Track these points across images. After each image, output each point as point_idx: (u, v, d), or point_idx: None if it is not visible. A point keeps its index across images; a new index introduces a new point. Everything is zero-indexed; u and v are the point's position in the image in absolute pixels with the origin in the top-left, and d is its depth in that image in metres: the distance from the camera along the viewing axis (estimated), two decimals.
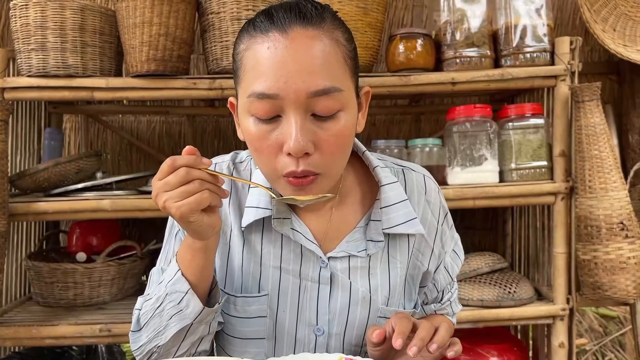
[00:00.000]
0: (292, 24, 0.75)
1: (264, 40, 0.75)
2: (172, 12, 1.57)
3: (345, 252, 0.89)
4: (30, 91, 1.60)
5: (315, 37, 0.75)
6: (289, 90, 0.73)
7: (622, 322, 2.97)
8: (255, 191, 0.89)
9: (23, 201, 1.60)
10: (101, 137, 2.24)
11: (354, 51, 0.82)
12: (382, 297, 0.91)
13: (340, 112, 0.77)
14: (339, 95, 0.76)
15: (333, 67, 0.76)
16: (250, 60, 0.77)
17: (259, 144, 0.78)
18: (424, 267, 0.96)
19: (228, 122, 2.26)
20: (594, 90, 1.61)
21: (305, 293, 0.89)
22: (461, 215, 2.22)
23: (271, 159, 0.78)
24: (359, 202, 0.94)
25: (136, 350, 0.88)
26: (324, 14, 0.78)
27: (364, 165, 0.96)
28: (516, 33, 1.69)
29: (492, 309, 1.68)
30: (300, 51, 0.74)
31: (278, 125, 0.76)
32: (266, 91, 0.74)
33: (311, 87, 0.74)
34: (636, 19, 1.97)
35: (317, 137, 0.76)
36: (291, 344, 0.90)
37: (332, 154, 0.78)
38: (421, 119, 2.29)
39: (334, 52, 0.76)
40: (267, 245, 0.90)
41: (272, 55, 0.74)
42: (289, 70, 0.73)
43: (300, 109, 0.74)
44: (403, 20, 2.25)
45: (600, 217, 1.60)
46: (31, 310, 1.75)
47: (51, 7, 1.54)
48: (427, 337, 0.79)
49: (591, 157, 1.62)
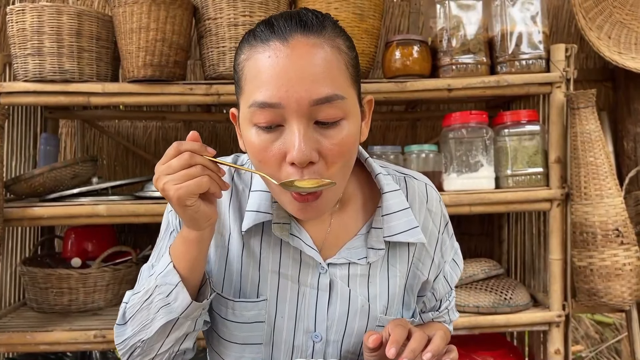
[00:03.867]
0: (292, 32, 0.74)
1: (265, 50, 0.74)
2: (169, 17, 1.57)
3: (346, 259, 0.89)
4: (27, 96, 1.60)
5: (316, 45, 0.74)
6: (290, 99, 0.72)
7: (618, 329, 2.97)
8: (255, 195, 0.88)
9: (18, 206, 1.60)
10: (97, 143, 2.24)
11: (356, 59, 0.81)
12: (381, 306, 0.91)
13: (343, 120, 0.76)
14: (342, 103, 0.75)
15: (335, 75, 0.75)
16: (251, 70, 0.76)
17: (261, 155, 0.76)
18: (423, 277, 0.96)
19: (224, 128, 2.26)
20: (589, 97, 1.62)
21: (304, 299, 0.89)
22: (457, 221, 2.22)
23: (274, 169, 0.76)
24: (360, 209, 0.93)
25: (120, 344, 0.87)
26: (324, 22, 0.77)
27: (366, 172, 0.95)
28: (512, 40, 1.70)
29: (488, 315, 1.68)
30: (302, 59, 0.73)
31: (280, 134, 0.75)
32: (268, 100, 0.73)
33: (313, 95, 0.72)
34: (631, 26, 1.99)
35: (321, 145, 0.75)
36: (289, 350, 0.90)
37: (336, 162, 0.76)
38: (417, 125, 2.29)
39: (335, 59, 0.75)
40: (266, 250, 0.89)
41: (273, 64, 0.73)
42: (291, 78, 0.72)
43: (302, 117, 0.73)
44: (399, 26, 2.26)
45: (596, 224, 1.61)
46: (25, 316, 1.74)
47: (48, 12, 1.55)
48: (418, 349, 0.78)
49: (587, 163, 1.62)
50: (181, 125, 2.20)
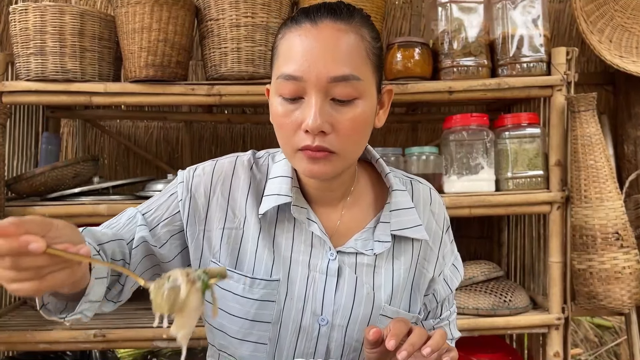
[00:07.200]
0: (323, 18, 0.83)
1: (297, 30, 0.84)
2: (171, 18, 1.58)
3: (354, 248, 0.94)
4: (29, 95, 1.61)
5: (342, 30, 0.83)
6: (311, 73, 0.81)
7: (618, 332, 2.97)
8: (275, 181, 0.94)
9: (19, 205, 1.60)
10: (98, 142, 2.24)
11: (379, 49, 0.89)
12: (385, 295, 0.95)
13: (357, 99, 0.84)
14: (357, 83, 0.83)
15: (354, 58, 0.83)
16: (283, 47, 0.86)
17: (281, 121, 0.85)
18: (429, 274, 1.00)
19: (225, 129, 2.27)
20: (589, 101, 1.63)
21: (313, 283, 0.93)
22: (457, 223, 2.22)
23: (290, 134, 0.84)
24: (370, 205, 0.99)
25: None
26: (354, 13, 0.86)
27: (376, 173, 1.02)
28: (513, 43, 1.70)
29: (487, 318, 1.68)
30: (327, 40, 0.82)
31: (300, 105, 0.83)
32: (292, 73, 0.82)
33: (331, 72, 0.81)
34: (632, 30, 1.99)
35: (334, 119, 0.83)
36: (295, 331, 0.93)
37: (347, 136, 0.84)
38: (418, 128, 2.30)
39: (357, 45, 0.84)
40: (280, 236, 0.94)
41: (302, 42, 0.82)
42: (314, 55, 0.81)
43: (320, 92, 0.81)
44: (401, 29, 2.26)
45: (596, 227, 1.61)
46: (25, 315, 1.74)
47: (50, 12, 1.55)
48: (418, 343, 0.79)
49: (587, 166, 1.62)
50: (182, 125, 2.21)
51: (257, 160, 1.00)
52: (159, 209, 0.97)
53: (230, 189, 0.95)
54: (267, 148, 1.05)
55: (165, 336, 1.59)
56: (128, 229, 0.95)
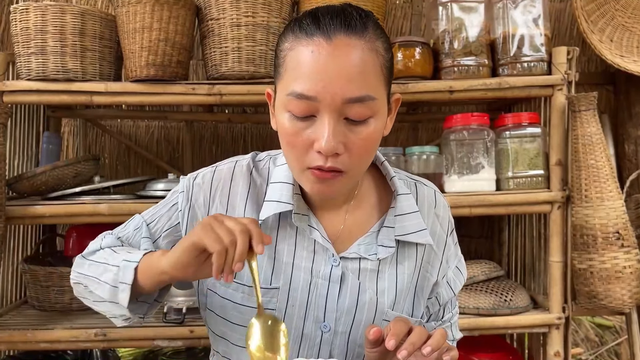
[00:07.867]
0: (336, 32, 0.79)
1: (309, 44, 0.79)
2: (172, 17, 1.58)
3: (357, 254, 0.93)
4: (30, 95, 1.61)
5: (356, 47, 0.79)
6: (326, 94, 0.78)
7: (618, 332, 2.97)
8: (276, 186, 0.93)
9: (20, 204, 1.60)
10: (99, 142, 2.24)
11: (391, 60, 0.86)
12: (389, 300, 0.94)
13: (371, 118, 0.81)
14: (372, 103, 0.80)
15: (369, 77, 0.80)
16: (293, 60, 0.81)
17: (291, 139, 0.82)
18: (433, 279, 0.99)
19: (226, 128, 2.27)
20: (590, 100, 1.63)
21: (316, 290, 0.92)
22: (457, 223, 2.20)
23: (301, 153, 0.82)
24: (374, 208, 0.97)
25: (73, 272, 0.97)
26: (367, 23, 0.82)
27: (380, 175, 1.00)
28: (513, 42, 1.70)
29: (488, 317, 1.68)
30: (341, 59, 0.78)
31: (312, 124, 0.80)
32: (305, 92, 0.78)
33: (347, 93, 0.78)
34: (633, 30, 1.99)
35: (347, 139, 0.80)
36: (297, 338, 0.93)
37: (359, 155, 0.82)
38: (419, 127, 2.30)
39: (372, 62, 0.80)
40: (282, 242, 0.93)
41: (315, 59, 0.78)
42: (329, 75, 0.77)
43: (334, 112, 0.79)
44: (402, 28, 2.26)
45: (596, 227, 1.61)
46: (26, 314, 1.74)
47: (51, 12, 1.55)
48: (418, 342, 0.79)
49: (587, 166, 1.62)
50: (183, 125, 2.21)
51: (258, 163, 0.99)
52: (161, 220, 0.98)
53: (229, 196, 0.94)
54: (268, 147, 1.05)
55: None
56: (135, 241, 0.98)
